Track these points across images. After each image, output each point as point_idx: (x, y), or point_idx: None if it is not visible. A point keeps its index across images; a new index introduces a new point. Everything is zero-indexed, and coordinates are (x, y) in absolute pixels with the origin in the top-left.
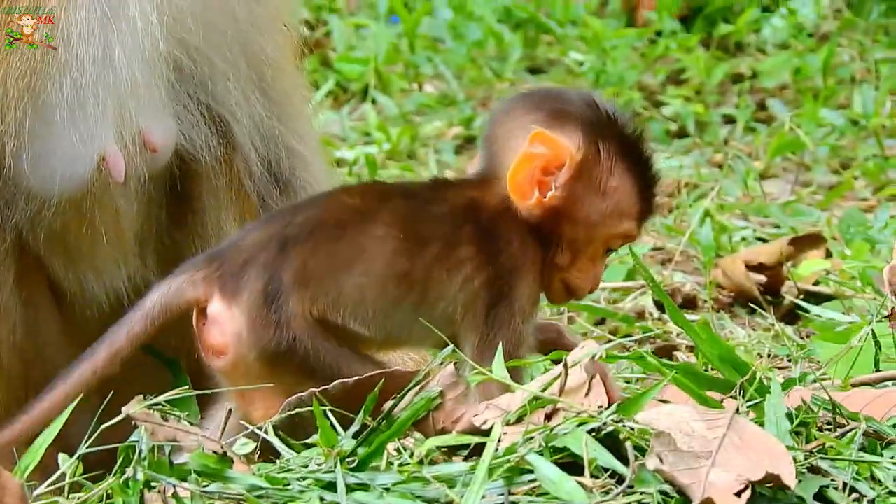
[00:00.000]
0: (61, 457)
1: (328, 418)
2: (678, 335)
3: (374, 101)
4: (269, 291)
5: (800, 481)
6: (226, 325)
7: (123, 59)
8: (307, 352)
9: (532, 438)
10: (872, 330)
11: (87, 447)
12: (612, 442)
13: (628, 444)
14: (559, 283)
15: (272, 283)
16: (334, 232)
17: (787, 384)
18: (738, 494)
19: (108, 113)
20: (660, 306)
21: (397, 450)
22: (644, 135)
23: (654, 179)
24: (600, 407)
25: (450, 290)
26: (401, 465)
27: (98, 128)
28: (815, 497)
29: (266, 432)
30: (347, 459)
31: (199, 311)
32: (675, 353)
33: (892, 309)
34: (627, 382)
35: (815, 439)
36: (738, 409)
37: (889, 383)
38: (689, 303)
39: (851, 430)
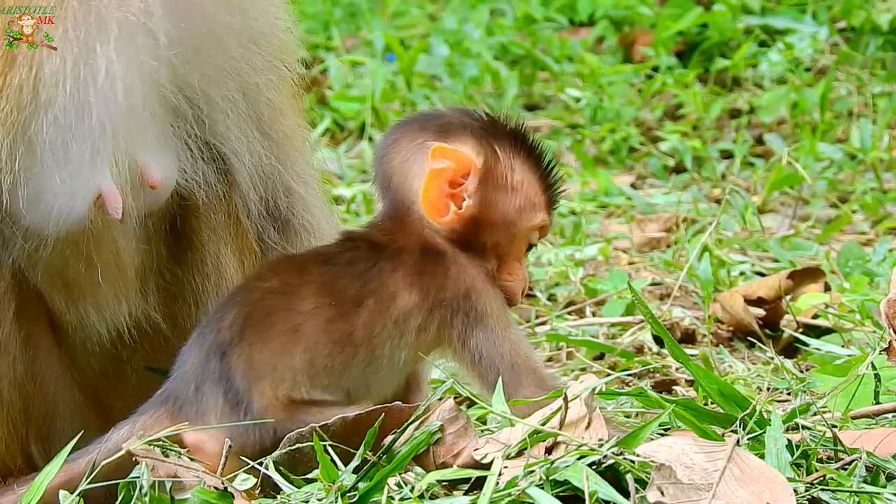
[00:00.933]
0: (62, 493)
1: (328, 453)
2: (677, 370)
3: (370, 139)
4: (231, 400)
5: None
6: (210, 446)
7: (120, 97)
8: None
9: (533, 472)
10: (872, 362)
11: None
12: (612, 475)
13: (629, 477)
14: None
15: (230, 391)
16: (265, 321)
17: (789, 417)
18: None
19: (105, 150)
20: (659, 341)
21: (398, 484)
22: (526, 128)
23: (551, 167)
24: (600, 440)
25: (404, 340)
26: (402, 499)
27: (93, 165)
28: None
29: (266, 467)
30: (348, 494)
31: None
32: (674, 387)
33: (891, 342)
34: (627, 417)
35: (816, 471)
36: (738, 441)
37: (889, 415)
38: (688, 337)
39: (852, 461)
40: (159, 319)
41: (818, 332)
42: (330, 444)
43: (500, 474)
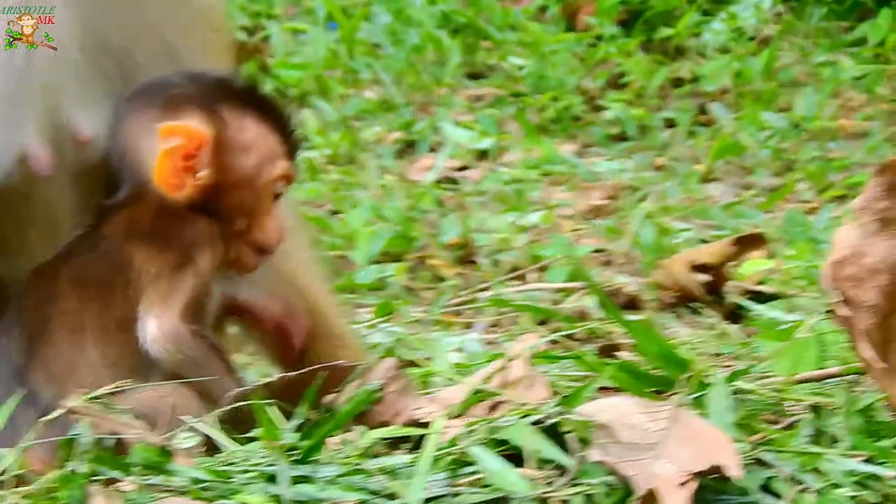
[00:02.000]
0: (2, 451)
1: (270, 411)
2: (622, 335)
3: (313, 107)
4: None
5: (745, 473)
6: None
7: (37, 52)
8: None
9: (475, 431)
10: (814, 326)
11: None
12: (554, 434)
13: (571, 436)
14: (246, 249)
15: (40, 409)
16: (46, 331)
17: (732, 377)
18: (683, 486)
19: (26, 106)
20: (603, 307)
21: (340, 442)
22: (250, 81)
23: (282, 116)
24: (542, 399)
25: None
26: (343, 457)
27: (14, 122)
28: (761, 488)
29: (208, 426)
30: (290, 452)
31: None
32: (617, 353)
33: (836, 303)
34: (571, 381)
35: (760, 432)
36: (680, 402)
37: (834, 380)
38: (632, 303)
39: (796, 422)
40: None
41: (763, 298)
42: (272, 402)
43: (441, 433)
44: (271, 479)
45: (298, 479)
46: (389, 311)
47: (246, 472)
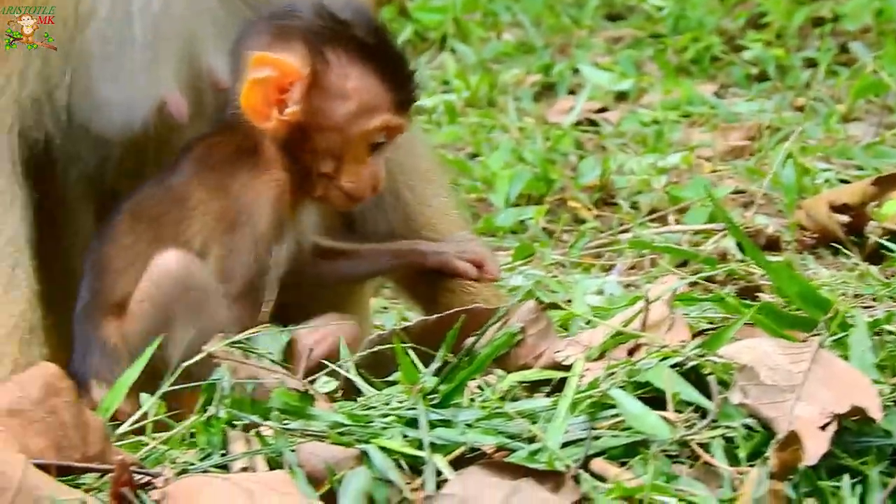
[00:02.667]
0: (143, 396)
1: (409, 355)
2: (762, 277)
3: (452, 50)
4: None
5: (886, 414)
6: None
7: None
8: None
9: (614, 373)
10: None
11: (170, 385)
12: (695, 376)
13: (711, 379)
14: (335, 191)
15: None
16: (105, 268)
17: (874, 324)
18: (824, 428)
19: (164, 55)
20: (743, 249)
21: (479, 386)
22: (381, 27)
23: (398, 67)
24: (682, 342)
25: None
26: (483, 401)
27: (153, 71)
28: None
29: (348, 370)
30: (429, 396)
31: None
32: (758, 294)
33: None
34: (710, 323)
35: None
36: (821, 343)
37: None
38: (773, 244)
39: None
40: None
41: None
42: (411, 347)
43: (581, 376)
44: (410, 422)
45: (437, 423)
46: (529, 254)
47: (385, 416)
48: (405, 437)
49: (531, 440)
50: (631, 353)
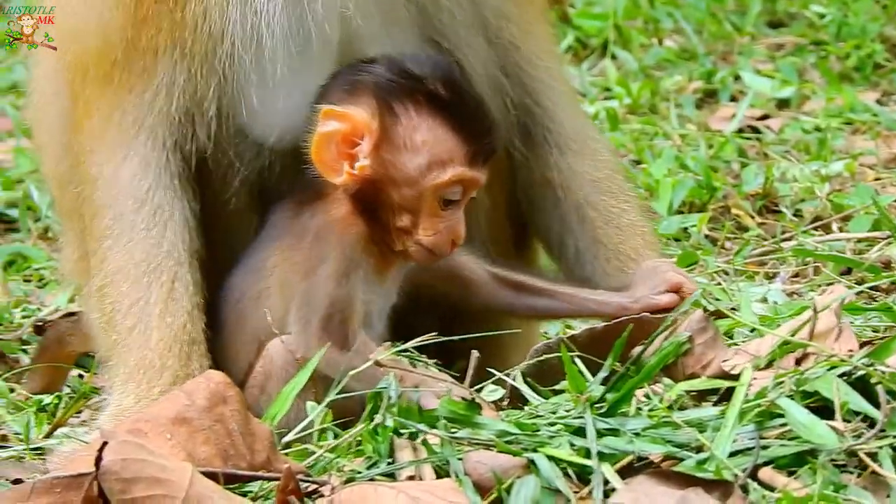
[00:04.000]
0: (309, 404)
1: (576, 364)
2: None
3: (613, 57)
4: None
5: None
6: None
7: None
8: None
9: (782, 382)
10: None
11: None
12: (863, 386)
13: (880, 388)
14: (415, 246)
15: None
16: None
17: None
18: None
19: (329, 58)
20: None
21: (646, 395)
22: (458, 81)
23: (473, 120)
24: (850, 351)
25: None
26: (650, 410)
27: (318, 74)
28: None
29: (514, 379)
30: (596, 405)
31: None
32: None
33: None
34: (875, 332)
35: None
36: None
37: None
38: None
39: None
40: None
41: None
42: (578, 355)
43: (749, 385)
44: (578, 431)
45: (605, 432)
46: (692, 262)
47: (552, 424)
48: (572, 445)
49: (699, 449)
50: (798, 362)
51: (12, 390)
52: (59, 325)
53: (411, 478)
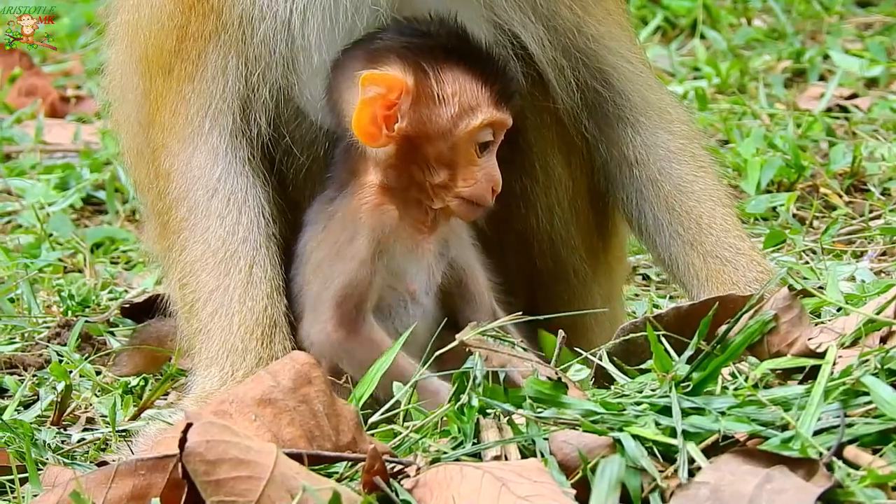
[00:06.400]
0: (395, 385)
1: (662, 343)
2: None
3: (702, 36)
4: None
5: None
6: None
7: None
8: None
9: (867, 361)
10: None
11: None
12: None
13: None
14: (455, 200)
15: None
16: None
17: None
18: None
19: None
20: None
21: (732, 374)
22: (463, 32)
23: (488, 64)
24: None
25: None
26: (735, 388)
27: None
28: None
29: (600, 358)
30: (682, 384)
31: None
32: None
33: None
34: None
35: None
36: None
37: None
38: None
39: None
40: (479, 219)
41: None
42: (664, 334)
43: (834, 363)
44: (663, 410)
45: (690, 411)
46: (780, 241)
47: (638, 403)
48: (658, 424)
49: (784, 428)
50: (884, 340)
51: (98, 373)
52: (162, 325)
53: (497, 458)
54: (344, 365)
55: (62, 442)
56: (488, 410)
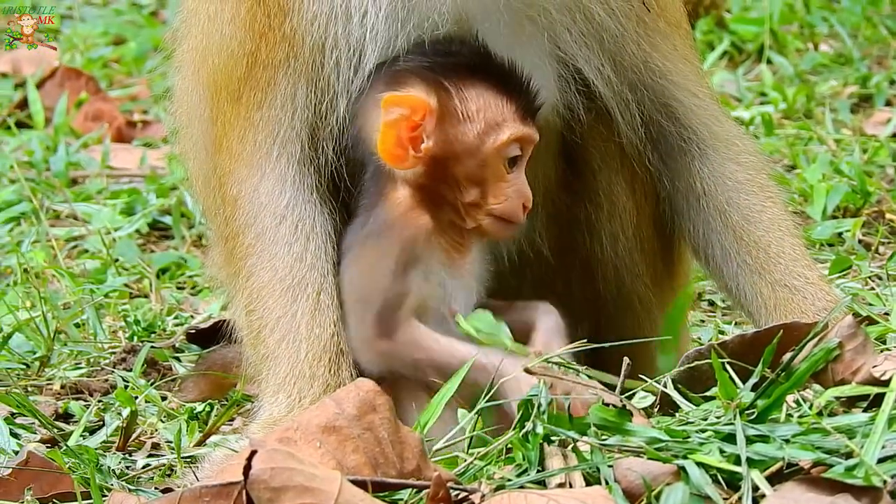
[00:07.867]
0: (460, 412)
1: (727, 371)
2: None
3: (769, 62)
4: None
5: None
6: None
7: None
8: None
9: None
10: None
11: (486, 402)
12: None
13: None
14: (487, 218)
15: None
16: None
17: None
18: None
19: None
20: None
21: (796, 401)
22: (484, 48)
23: (511, 79)
24: None
25: None
26: (800, 416)
27: None
28: None
29: (665, 385)
30: (746, 411)
31: None
32: None
33: None
34: None
35: None
36: None
37: None
38: None
39: None
40: (543, 247)
41: None
42: (728, 362)
43: None
44: (728, 438)
45: (755, 438)
46: (846, 267)
47: (702, 431)
48: (722, 452)
49: (848, 455)
50: None
51: (164, 398)
52: (228, 350)
53: (561, 485)
54: (406, 372)
55: (127, 468)
56: (553, 438)
